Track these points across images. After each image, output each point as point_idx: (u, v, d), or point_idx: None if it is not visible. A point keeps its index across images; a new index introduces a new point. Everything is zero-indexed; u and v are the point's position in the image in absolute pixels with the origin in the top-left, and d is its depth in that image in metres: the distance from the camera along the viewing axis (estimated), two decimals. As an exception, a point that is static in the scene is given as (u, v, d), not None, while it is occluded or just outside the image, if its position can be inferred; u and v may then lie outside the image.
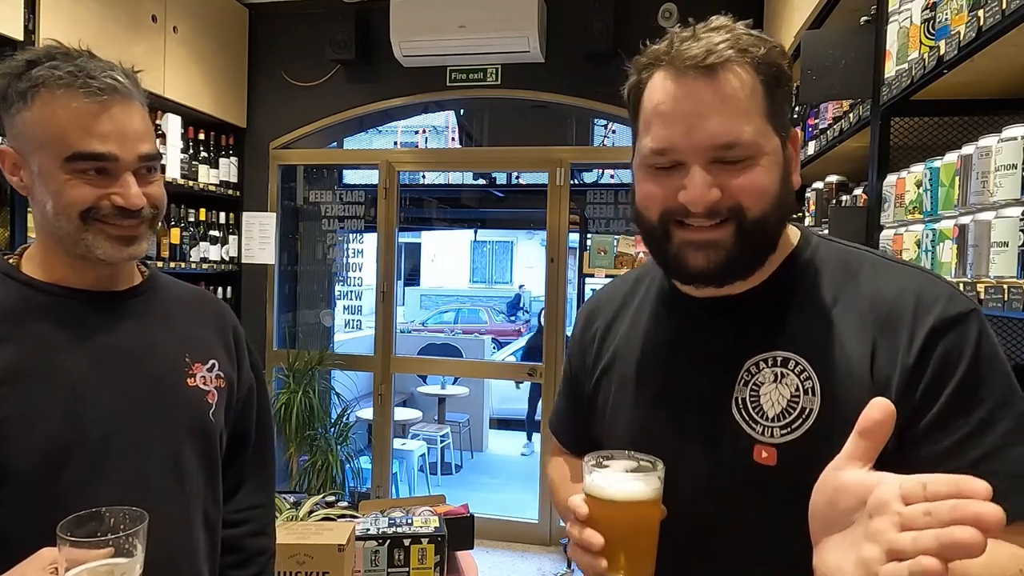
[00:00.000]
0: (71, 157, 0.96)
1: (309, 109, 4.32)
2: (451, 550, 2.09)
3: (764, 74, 0.80)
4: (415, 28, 3.89)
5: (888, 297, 0.81)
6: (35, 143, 0.97)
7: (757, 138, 0.79)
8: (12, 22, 2.69)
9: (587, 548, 0.80)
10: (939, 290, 0.81)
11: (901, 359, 0.78)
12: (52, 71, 0.95)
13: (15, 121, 0.98)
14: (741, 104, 0.78)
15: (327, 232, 4.63)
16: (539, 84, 4.03)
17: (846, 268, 0.86)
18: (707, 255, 0.81)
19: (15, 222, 2.72)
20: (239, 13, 4.26)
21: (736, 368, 0.86)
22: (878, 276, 0.84)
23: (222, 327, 1.21)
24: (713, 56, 0.78)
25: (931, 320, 0.78)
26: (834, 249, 0.90)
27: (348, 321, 4.74)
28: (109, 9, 3.20)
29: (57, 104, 0.95)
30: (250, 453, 1.26)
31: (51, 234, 1.02)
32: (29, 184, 1.00)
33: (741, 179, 0.79)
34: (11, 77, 0.97)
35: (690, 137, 0.78)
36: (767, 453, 0.82)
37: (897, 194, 1.69)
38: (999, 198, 1.22)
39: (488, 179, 9.54)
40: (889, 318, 0.80)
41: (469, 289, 15.55)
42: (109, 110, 0.97)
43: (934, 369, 0.76)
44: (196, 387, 1.11)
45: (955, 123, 1.80)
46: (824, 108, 2.34)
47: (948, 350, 0.76)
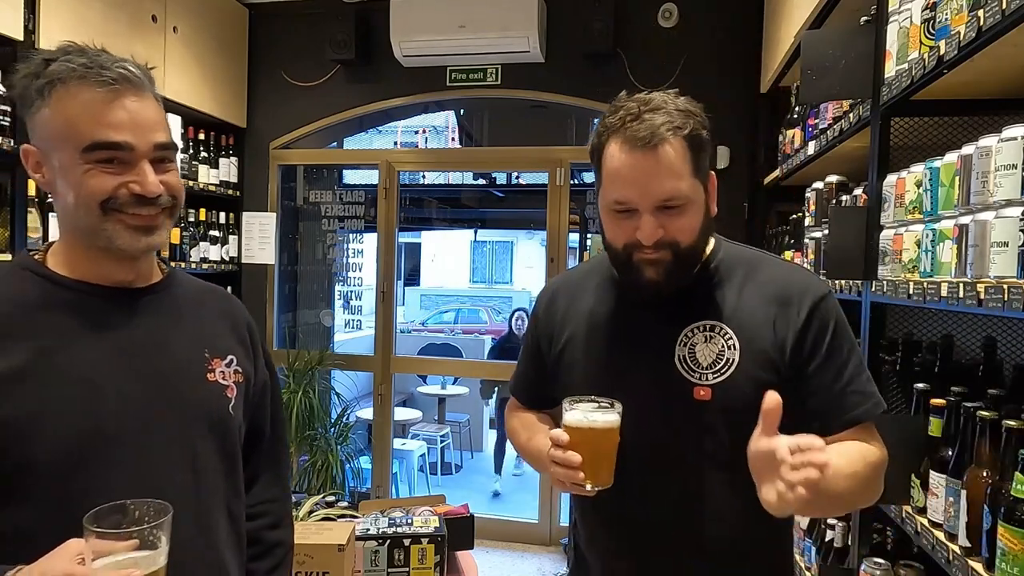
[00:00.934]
0: (88, 147, 0.97)
1: (309, 109, 4.32)
2: (451, 550, 2.09)
3: (690, 143, 1.11)
4: (415, 28, 3.89)
5: (780, 284, 1.19)
6: (54, 138, 0.99)
7: (688, 192, 1.11)
8: (12, 22, 2.69)
9: (568, 465, 1.08)
10: (811, 278, 1.23)
11: (792, 324, 1.16)
12: (66, 64, 0.98)
13: (36, 119, 1.00)
14: (676, 168, 1.10)
15: (327, 232, 4.63)
16: (539, 84, 4.03)
17: (749, 263, 1.24)
18: (655, 270, 1.14)
19: (15, 222, 2.72)
20: (239, 13, 4.26)
21: (676, 334, 1.19)
22: (771, 268, 1.23)
23: (238, 323, 1.24)
24: (656, 138, 1.08)
25: (810, 298, 1.17)
26: (738, 250, 1.27)
27: (348, 321, 4.74)
28: (110, 9, 3.20)
29: (71, 96, 0.97)
30: (265, 447, 1.28)
31: (73, 228, 1.04)
32: (51, 180, 1.02)
33: (678, 221, 1.12)
34: (30, 77, 0.99)
35: (642, 195, 1.11)
36: (704, 392, 1.16)
37: (897, 194, 1.69)
38: (999, 198, 1.22)
39: (488, 179, 9.54)
40: (783, 297, 1.18)
41: (469, 289, 15.54)
42: (122, 99, 0.99)
43: (814, 332, 1.16)
44: (215, 382, 1.13)
45: (955, 123, 1.80)
46: (824, 108, 2.34)
47: (821, 318, 1.16)
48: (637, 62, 3.82)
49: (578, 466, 1.08)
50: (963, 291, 1.28)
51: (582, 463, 1.08)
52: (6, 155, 2.67)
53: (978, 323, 1.89)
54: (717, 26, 3.75)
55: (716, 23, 3.76)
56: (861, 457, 1.11)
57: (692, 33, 3.77)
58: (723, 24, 3.75)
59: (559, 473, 1.11)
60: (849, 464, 1.07)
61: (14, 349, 0.97)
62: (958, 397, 1.49)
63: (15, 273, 1.05)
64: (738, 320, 1.17)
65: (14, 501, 0.95)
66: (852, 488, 1.07)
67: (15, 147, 2.68)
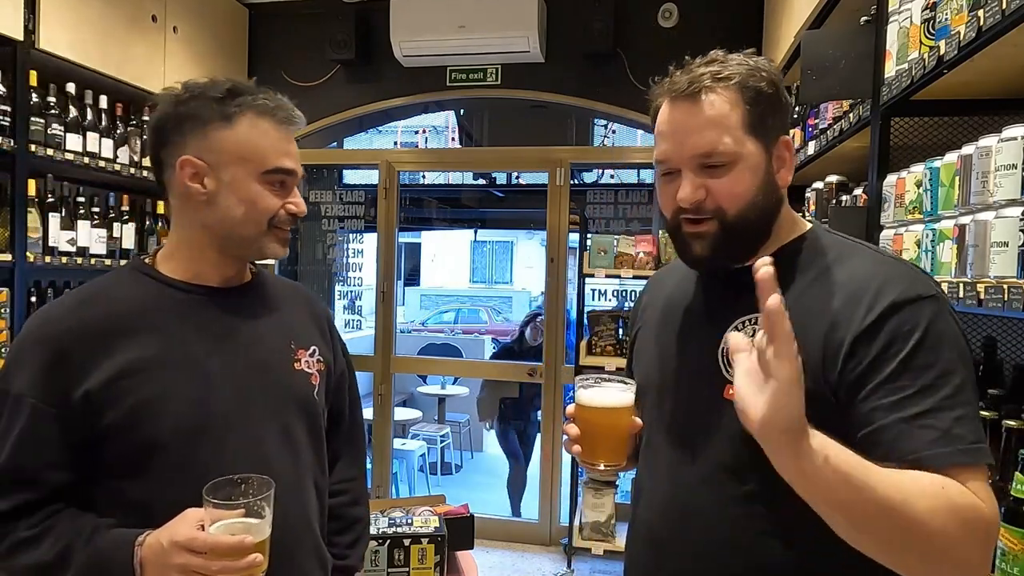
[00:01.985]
0: (269, 171, 1.16)
1: (309, 109, 4.27)
2: (451, 550, 2.09)
3: (745, 93, 0.98)
4: (415, 28, 3.89)
5: (859, 277, 0.96)
6: (233, 157, 1.15)
7: (734, 147, 0.97)
8: (12, 22, 2.69)
9: (569, 437, 1.07)
10: (907, 275, 0.95)
11: (855, 326, 0.92)
12: (262, 101, 1.17)
13: (211, 137, 1.15)
14: (719, 120, 0.97)
15: (327, 232, 4.63)
16: (539, 84, 4.03)
17: (839, 251, 1.02)
18: (700, 244, 1.02)
19: (15, 222, 2.72)
20: (239, 13, 4.26)
21: (726, 325, 1.04)
22: (861, 260, 1.00)
23: (317, 316, 1.38)
24: (694, 85, 0.98)
25: (891, 296, 0.91)
26: (832, 239, 1.06)
27: (348, 321, 4.74)
28: (109, 9, 3.20)
29: (261, 128, 1.16)
30: (344, 430, 1.43)
31: (222, 234, 1.18)
32: (213, 191, 1.15)
33: (720, 182, 0.98)
34: (213, 100, 1.15)
35: (678, 149, 1.00)
36: (732, 391, 0.94)
37: (897, 194, 1.69)
38: (999, 198, 1.22)
39: (488, 179, 9.54)
40: (854, 293, 0.94)
41: (469, 289, 15.54)
42: (291, 136, 1.21)
43: (886, 339, 0.89)
44: (301, 371, 1.27)
45: (955, 123, 1.80)
46: (824, 108, 2.34)
47: (902, 322, 0.89)
48: (637, 62, 3.82)
49: (576, 439, 1.07)
50: (963, 291, 1.28)
51: (583, 438, 1.08)
52: (6, 155, 2.67)
53: (978, 323, 1.89)
54: (717, 26, 3.75)
55: (716, 23, 3.76)
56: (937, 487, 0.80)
57: (692, 33, 3.77)
58: (723, 24, 3.75)
59: (565, 446, 1.11)
60: (882, 483, 0.79)
61: (145, 341, 1.12)
62: (958, 397, 1.48)
63: (132, 276, 1.21)
64: (794, 315, 0.89)
65: (139, 475, 1.09)
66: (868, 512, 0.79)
67: (15, 147, 2.68)
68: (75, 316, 1.13)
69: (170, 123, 1.17)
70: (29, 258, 2.77)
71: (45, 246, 2.87)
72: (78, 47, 3.00)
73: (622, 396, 1.09)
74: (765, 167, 1.00)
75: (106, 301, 1.16)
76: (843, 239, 1.06)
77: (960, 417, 0.85)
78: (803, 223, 1.09)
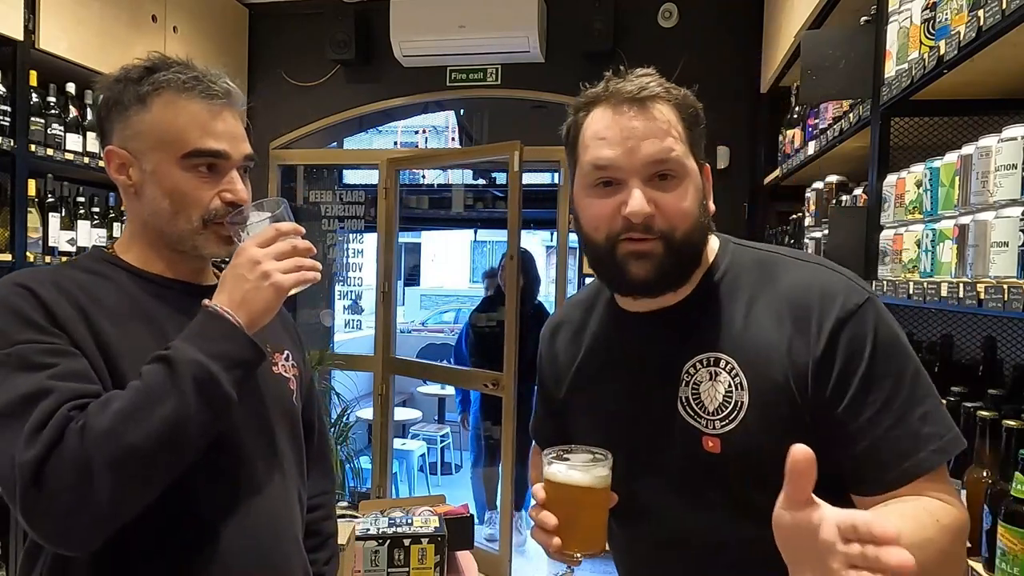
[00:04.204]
0: (188, 154, 1.04)
1: (309, 109, 4.32)
2: (451, 550, 2.09)
3: (683, 112, 0.95)
4: (415, 28, 3.88)
5: (798, 293, 0.94)
6: (151, 142, 1.04)
7: (683, 159, 0.93)
8: (12, 22, 2.69)
9: (543, 527, 0.93)
10: (839, 284, 0.94)
11: (811, 347, 0.90)
12: (176, 75, 1.04)
13: (131, 123, 1.05)
14: (669, 130, 0.93)
15: (327, 232, 4.63)
16: (539, 84, 4.03)
17: (761, 269, 0.99)
18: (644, 265, 0.93)
19: (15, 222, 2.72)
20: (239, 13, 4.26)
21: (677, 371, 0.97)
22: (789, 274, 0.97)
23: (286, 320, 1.30)
24: (645, 92, 0.93)
25: (835, 313, 0.90)
26: (748, 253, 1.02)
27: (348, 321, 4.73)
28: (109, 9, 3.19)
29: (178, 106, 1.04)
30: (316, 441, 1.34)
31: (157, 229, 1.08)
32: (139, 182, 1.06)
33: (670, 197, 0.93)
34: (129, 82, 1.05)
35: (629, 157, 0.92)
36: (712, 443, 0.94)
37: (897, 194, 1.69)
38: (999, 198, 1.22)
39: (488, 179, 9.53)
40: (800, 311, 0.92)
41: (469, 289, 15.53)
42: (222, 113, 1.07)
43: (843, 358, 0.89)
44: (280, 374, 1.20)
45: (955, 123, 1.80)
46: (824, 108, 2.34)
47: (851, 338, 0.89)
48: (637, 62, 3.79)
49: (554, 529, 0.93)
50: (963, 291, 1.28)
51: (559, 526, 0.93)
52: (6, 155, 2.67)
53: (978, 323, 1.89)
54: (717, 26, 3.75)
55: (716, 23, 3.76)
56: (932, 520, 0.83)
57: (692, 33, 3.77)
58: (723, 24, 3.75)
59: (536, 537, 0.96)
60: (918, 530, 0.79)
61: (137, 330, 1.02)
62: (958, 397, 1.48)
63: (103, 266, 1.09)
64: (745, 348, 0.94)
65: None
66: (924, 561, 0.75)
67: (15, 147, 2.68)
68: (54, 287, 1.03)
69: (101, 111, 1.08)
70: (29, 258, 2.77)
71: (45, 246, 2.87)
72: (78, 47, 3.00)
73: (601, 471, 0.95)
74: (702, 189, 0.97)
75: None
76: (755, 250, 1.03)
77: (924, 415, 0.88)
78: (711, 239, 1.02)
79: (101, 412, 0.88)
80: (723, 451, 0.93)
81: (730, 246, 1.03)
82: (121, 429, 0.87)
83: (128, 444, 0.87)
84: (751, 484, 0.90)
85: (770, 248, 1.04)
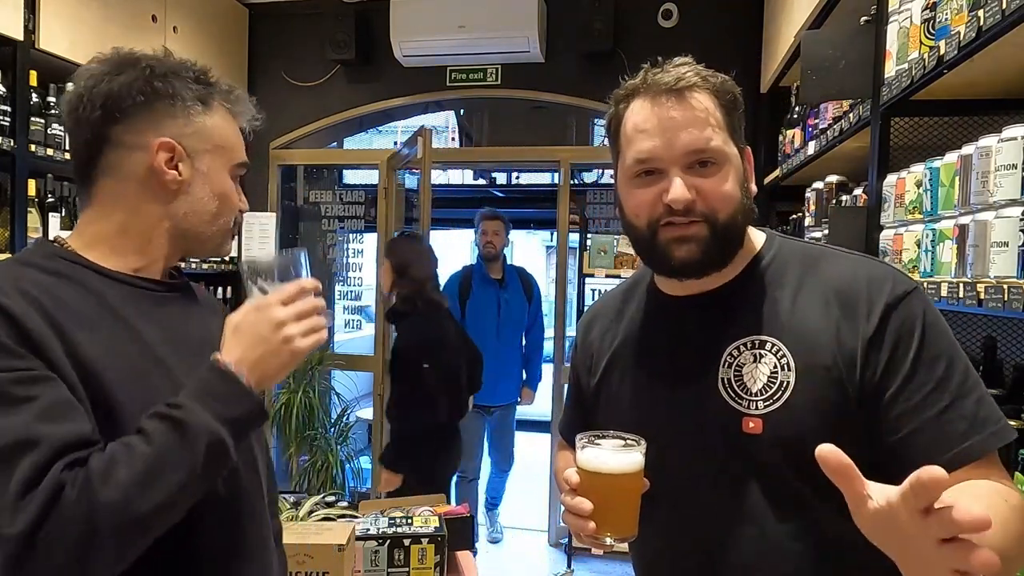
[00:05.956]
0: (239, 165, 1.13)
1: (309, 109, 4.32)
2: (451, 550, 2.09)
3: (722, 98, 0.98)
4: (415, 28, 3.89)
5: (844, 281, 0.96)
6: (211, 145, 1.08)
7: (722, 146, 0.96)
8: (12, 22, 2.69)
9: (577, 513, 0.93)
10: (886, 273, 0.96)
11: (862, 331, 0.92)
12: (222, 88, 1.11)
13: (192, 121, 1.05)
14: (707, 119, 0.95)
15: (327, 232, 4.63)
16: (539, 84, 4.03)
17: (806, 260, 1.01)
18: (688, 248, 0.96)
19: (15, 222, 2.72)
20: (239, 13, 4.26)
21: (719, 353, 0.99)
22: (833, 264, 0.99)
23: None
24: (683, 82, 0.95)
25: (884, 298, 0.92)
26: (794, 246, 1.06)
27: (348, 321, 4.74)
28: (109, 9, 3.20)
29: (230, 120, 1.12)
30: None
31: (183, 228, 1.08)
32: (188, 179, 1.06)
33: (711, 182, 0.95)
34: (186, 78, 1.06)
35: (669, 147, 0.95)
36: (754, 423, 0.95)
37: (897, 194, 1.69)
38: (999, 198, 1.22)
39: (488, 179, 9.53)
40: (848, 298, 0.94)
41: (469, 289, 15.54)
42: None
43: (892, 340, 0.91)
44: None
45: (955, 123, 1.80)
46: (824, 108, 2.34)
47: (901, 321, 0.91)
48: (637, 62, 3.80)
49: (589, 514, 0.93)
50: (963, 291, 1.28)
51: (594, 511, 0.93)
52: (6, 155, 2.67)
53: (978, 323, 1.89)
54: (717, 26, 3.75)
55: (716, 23, 3.76)
56: (1001, 499, 0.81)
57: (692, 33, 3.77)
58: (723, 24, 3.75)
59: (569, 522, 0.96)
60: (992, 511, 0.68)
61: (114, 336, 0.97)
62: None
63: (61, 264, 1.01)
64: (793, 332, 0.95)
65: None
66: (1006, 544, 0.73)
67: (15, 147, 2.68)
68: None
69: (135, 97, 1.02)
70: (29, 258, 2.77)
71: (45, 246, 2.87)
72: (78, 47, 3.00)
73: (635, 456, 0.95)
74: (743, 172, 1.00)
75: None
76: (801, 243, 1.07)
77: (979, 399, 0.89)
78: (757, 233, 1.06)
79: (107, 480, 0.83)
80: (764, 431, 0.94)
81: (776, 239, 1.06)
82: (131, 498, 0.84)
83: (137, 513, 0.84)
84: (788, 466, 0.91)
85: (814, 243, 1.07)
